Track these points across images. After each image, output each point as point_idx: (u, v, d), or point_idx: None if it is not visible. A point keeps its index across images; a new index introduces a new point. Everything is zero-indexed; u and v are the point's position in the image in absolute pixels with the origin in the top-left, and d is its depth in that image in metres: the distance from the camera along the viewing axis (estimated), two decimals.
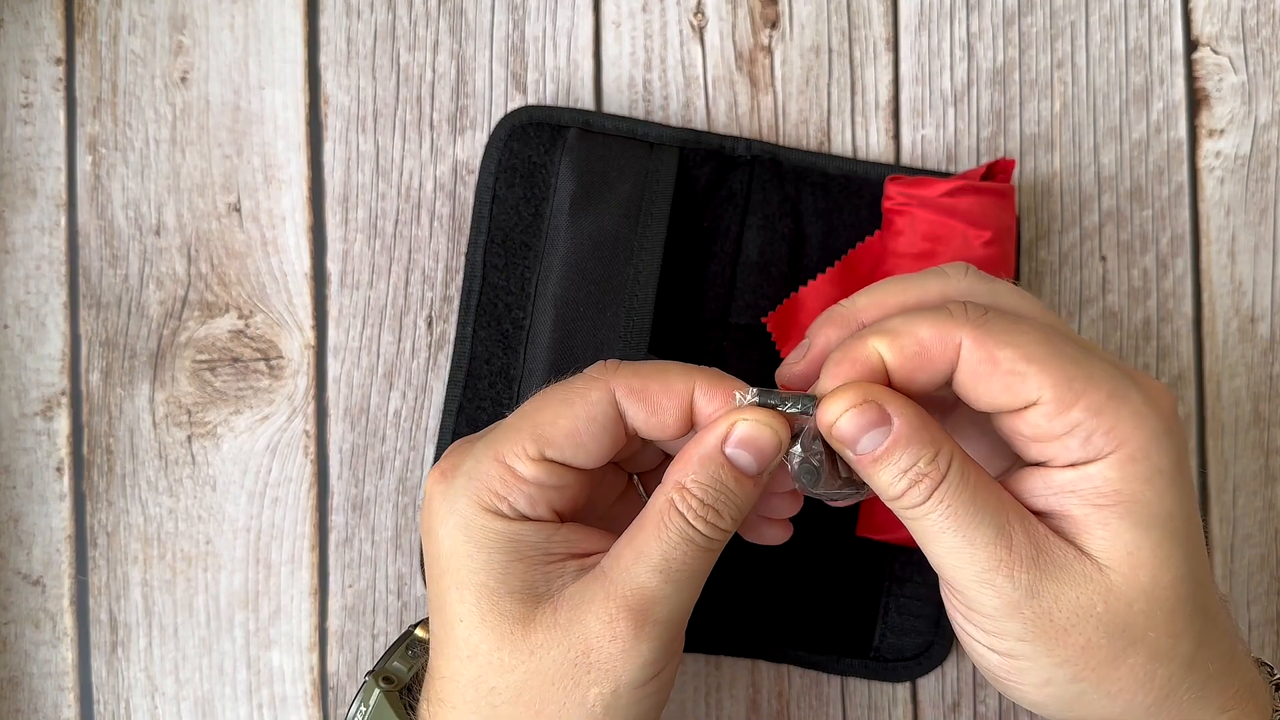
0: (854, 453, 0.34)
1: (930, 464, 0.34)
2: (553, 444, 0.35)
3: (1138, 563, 0.34)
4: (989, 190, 0.46)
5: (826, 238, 0.48)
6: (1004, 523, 0.34)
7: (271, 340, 0.49)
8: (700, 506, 0.35)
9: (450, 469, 0.37)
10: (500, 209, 0.47)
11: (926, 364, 0.34)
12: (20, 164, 0.49)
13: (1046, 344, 0.34)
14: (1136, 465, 0.34)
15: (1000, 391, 0.34)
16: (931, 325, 0.34)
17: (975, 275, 0.37)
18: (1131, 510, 0.34)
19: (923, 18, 0.50)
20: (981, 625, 0.35)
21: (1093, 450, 0.34)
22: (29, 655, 0.48)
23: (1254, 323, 0.50)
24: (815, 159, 0.48)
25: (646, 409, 0.36)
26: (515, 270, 0.47)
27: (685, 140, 0.48)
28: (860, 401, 0.34)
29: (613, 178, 0.46)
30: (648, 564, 0.35)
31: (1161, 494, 0.34)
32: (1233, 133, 0.50)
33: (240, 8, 0.49)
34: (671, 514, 0.35)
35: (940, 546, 0.34)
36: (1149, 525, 0.34)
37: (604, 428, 0.36)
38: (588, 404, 0.36)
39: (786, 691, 0.48)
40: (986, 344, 0.34)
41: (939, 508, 0.34)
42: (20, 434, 0.48)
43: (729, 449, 0.35)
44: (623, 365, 0.37)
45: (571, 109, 0.48)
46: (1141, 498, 0.34)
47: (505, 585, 0.35)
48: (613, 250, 0.46)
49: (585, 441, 0.36)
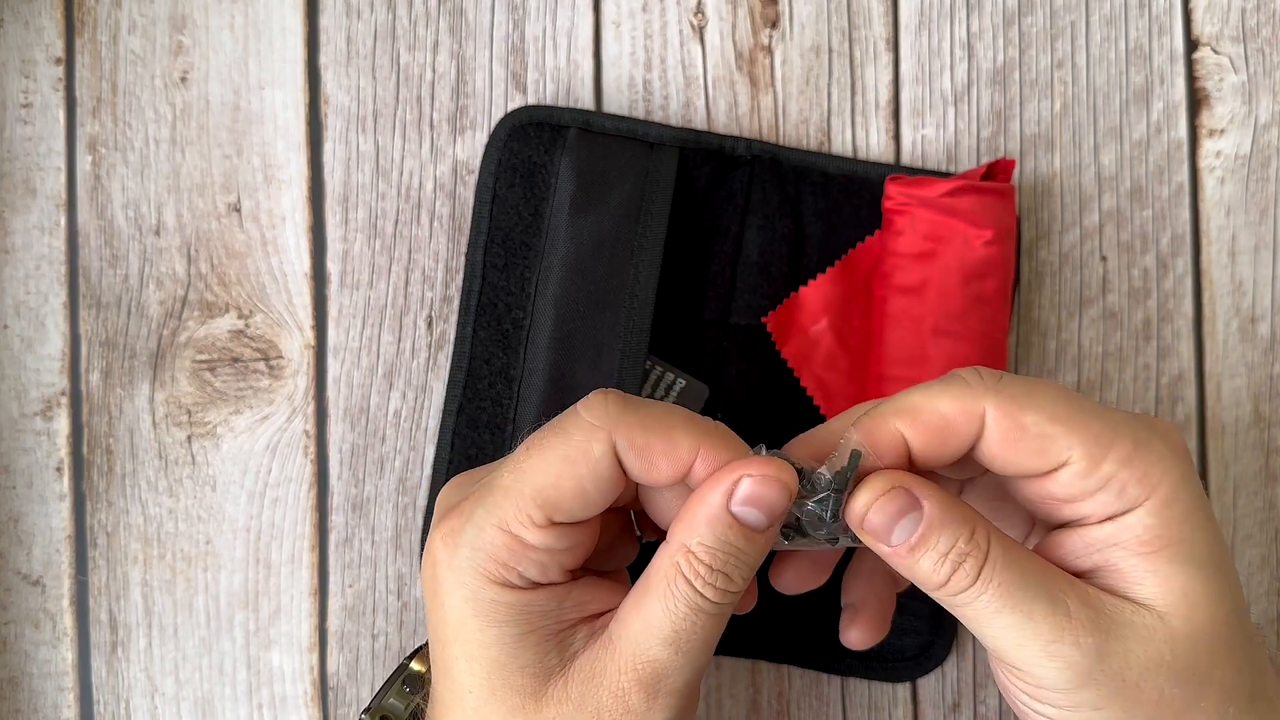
0: (888, 546, 0.33)
1: (970, 543, 0.33)
2: (560, 508, 0.34)
3: (1194, 603, 0.33)
4: (990, 190, 0.46)
5: (826, 237, 0.48)
6: (1056, 591, 0.33)
7: (271, 340, 0.49)
8: (709, 573, 0.33)
9: (452, 535, 0.35)
10: (500, 209, 0.47)
11: (951, 439, 0.33)
12: (20, 164, 0.49)
13: (1068, 402, 0.33)
14: (1173, 508, 0.33)
15: (1030, 456, 0.33)
16: (952, 398, 0.33)
17: (994, 378, 0.36)
18: (1178, 552, 0.33)
19: (923, 18, 0.50)
20: (1053, 701, 0.34)
21: (1128, 500, 0.33)
22: (29, 655, 0.48)
23: (1254, 323, 0.50)
24: (815, 159, 0.48)
25: (645, 466, 0.34)
26: (515, 270, 0.47)
27: (685, 140, 0.48)
28: (886, 489, 0.33)
29: (613, 178, 0.46)
30: (658, 636, 0.33)
31: (1200, 531, 0.33)
32: (1233, 133, 0.50)
33: (240, 8, 0.49)
34: (678, 581, 0.33)
35: (996, 628, 0.33)
36: (1197, 564, 0.33)
37: (610, 481, 0.34)
38: (591, 461, 0.33)
39: (786, 691, 0.48)
40: (1011, 410, 0.33)
41: (989, 588, 0.33)
42: (20, 434, 0.48)
43: (736, 507, 0.33)
44: (625, 409, 0.34)
45: (572, 109, 0.48)
46: (1184, 538, 0.33)
47: (517, 660, 0.34)
48: (613, 250, 0.46)
49: (593, 498, 0.34)
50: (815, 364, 0.48)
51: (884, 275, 0.47)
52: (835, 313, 0.48)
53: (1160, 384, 0.49)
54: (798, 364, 0.48)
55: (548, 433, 0.34)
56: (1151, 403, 0.49)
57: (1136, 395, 0.49)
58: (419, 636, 0.48)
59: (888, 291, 0.46)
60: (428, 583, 0.35)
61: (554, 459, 0.34)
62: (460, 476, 0.38)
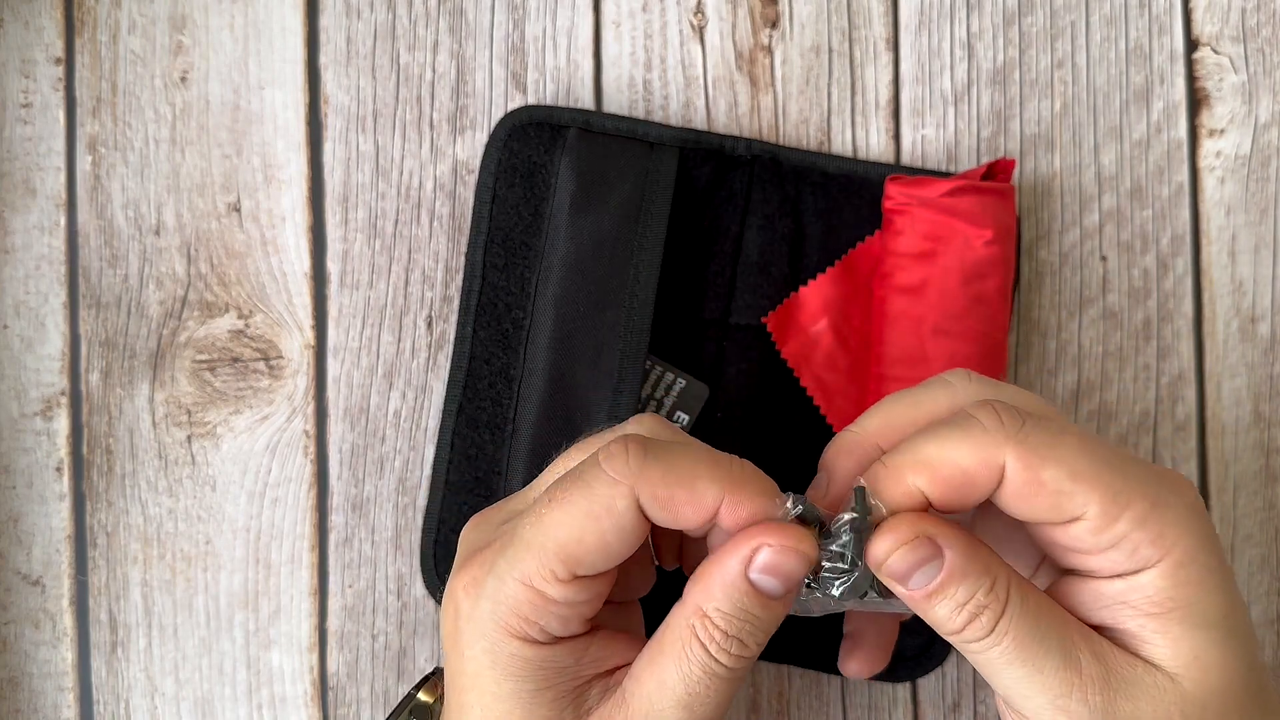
0: (907, 589, 0.33)
1: (989, 595, 0.33)
2: (583, 563, 0.33)
3: (1206, 665, 0.33)
4: (989, 190, 0.46)
5: (826, 237, 0.48)
6: (1069, 645, 0.33)
7: (271, 340, 0.49)
8: (724, 639, 0.33)
9: (475, 585, 0.35)
10: (500, 209, 0.47)
11: (970, 493, 0.33)
12: (20, 164, 0.49)
13: (1088, 456, 0.33)
14: (1186, 570, 0.33)
15: (1046, 510, 0.33)
16: (971, 450, 0.33)
17: (979, 381, 0.36)
18: (1190, 615, 0.33)
19: (923, 17, 0.50)
20: None
21: (1140, 560, 0.33)
22: (29, 655, 0.48)
23: (1254, 322, 0.50)
24: (815, 159, 0.48)
25: (669, 516, 0.34)
26: (515, 270, 0.47)
27: (685, 140, 0.48)
28: (910, 538, 0.33)
29: (613, 177, 0.46)
30: (671, 698, 0.33)
31: (1214, 594, 0.33)
32: (1233, 132, 0.50)
33: (240, 8, 0.49)
34: (693, 644, 0.33)
35: (1006, 678, 0.33)
36: (1210, 627, 0.33)
37: (633, 533, 0.34)
38: (615, 515, 0.33)
39: (786, 691, 0.48)
40: (1032, 464, 0.33)
41: (1004, 640, 0.33)
42: (20, 434, 0.48)
43: (754, 575, 0.33)
44: (646, 460, 0.33)
45: (572, 109, 0.48)
46: (1197, 601, 0.33)
47: (532, 715, 0.34)
48: (613, 250, 0.45)
49: (615, 550, 0.34)
50: (815, 364, 0.48)
51: (884, 275, 0.47)
52: (835, 313, 0.48)
53: (1160, 384, 0.49)
54: (797, 364, 0.48)
55: (570, 484, 0.34)
56: (1151, 402, 0.49)
57: (1136, 395, 0.49)
58: (419, 636, 0.48)
59: (888, 291, 0.46)
60: (448, 631, 0.35)
61: (577, 514, 0.33)
62: (481, 515, 0.38)
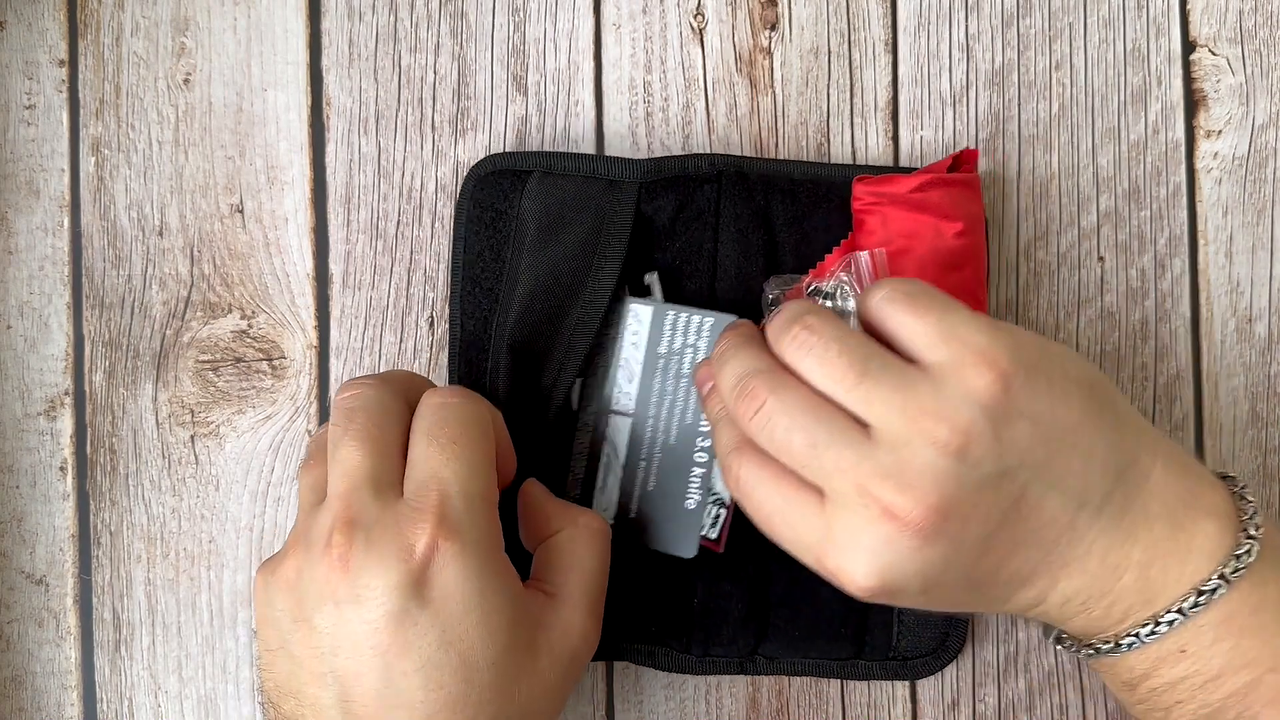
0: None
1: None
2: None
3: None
4: (956, 182, 0.46)
5: (800, 245, 0.47)
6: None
7: (274, 340, 0.49)
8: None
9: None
10: (469, 257, 0.47)
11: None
12: (24, 165, 0.49)
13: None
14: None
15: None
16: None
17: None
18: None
19: (921, 19, 0.50)
20: None
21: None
22: (32, 654, 0.48)
23: (1251, 323, 0.50)
24: (780, 166, 0.48)
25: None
26: (479, 315, 0.47)
27: (646, 171, 0.47)
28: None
29: (569, 218, 0.46)
30: None
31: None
32: (1230, 134, 0.50)
33: (243, 10, 0.50)
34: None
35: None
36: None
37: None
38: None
39: (786, 691, 0.49)
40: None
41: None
42: (24, 434, 0.49)
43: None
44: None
45: (535, 153, 0.48)
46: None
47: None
48: (570, 282, 0.46)
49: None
50: None
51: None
52: None
53: (1158, 383, 0.50)
54: None
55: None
56: (1149, 402, 0.49)
57: (1134, 395, 0.49)
58: None
59: None
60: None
61: None
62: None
